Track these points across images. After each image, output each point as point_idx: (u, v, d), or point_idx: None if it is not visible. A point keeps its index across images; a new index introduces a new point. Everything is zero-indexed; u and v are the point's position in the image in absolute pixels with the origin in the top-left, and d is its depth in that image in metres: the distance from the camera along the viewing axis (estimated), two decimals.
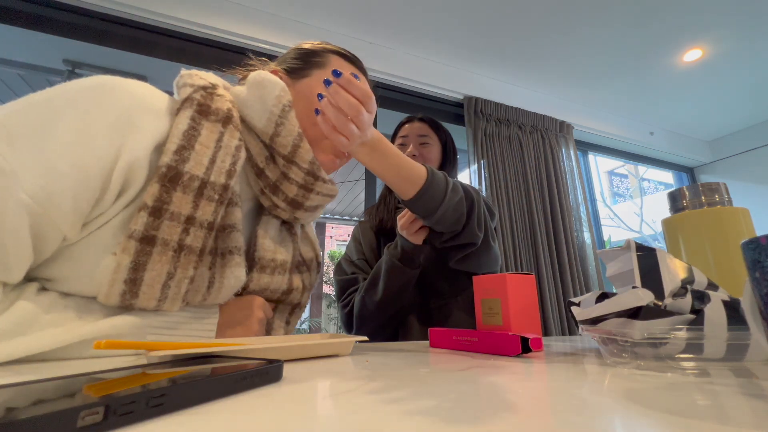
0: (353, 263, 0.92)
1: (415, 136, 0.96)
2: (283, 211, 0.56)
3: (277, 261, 0.54)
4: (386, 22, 2.05)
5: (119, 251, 0.38)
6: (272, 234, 0.55)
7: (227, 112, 0.48)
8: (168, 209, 0.40)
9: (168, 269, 0.41)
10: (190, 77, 0.48)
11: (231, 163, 0.46)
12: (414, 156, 0.92)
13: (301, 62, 0.59)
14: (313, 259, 0.63)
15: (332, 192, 0.58)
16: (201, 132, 0.44)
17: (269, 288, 0.54)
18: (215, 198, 0.44)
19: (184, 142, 0.42)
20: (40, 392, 0.19)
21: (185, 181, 0.42)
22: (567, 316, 2.14)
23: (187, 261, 0.42)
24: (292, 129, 0.51)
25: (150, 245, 0.39)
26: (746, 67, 2.51)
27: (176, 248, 0.41)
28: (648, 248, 0.41)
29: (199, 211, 0.43)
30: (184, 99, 0.45)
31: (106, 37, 1.68)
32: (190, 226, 0.42)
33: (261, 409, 0.20)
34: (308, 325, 6.85)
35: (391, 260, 0.77)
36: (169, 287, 0.41)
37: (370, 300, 0.79)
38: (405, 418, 0.18)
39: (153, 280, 0.40)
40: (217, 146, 0.45)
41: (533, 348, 0.41)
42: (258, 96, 0.51)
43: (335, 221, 7.59)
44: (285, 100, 0.52)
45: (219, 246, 0.47)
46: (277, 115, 0.51)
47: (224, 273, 0.46)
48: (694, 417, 0.18)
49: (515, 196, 2.26)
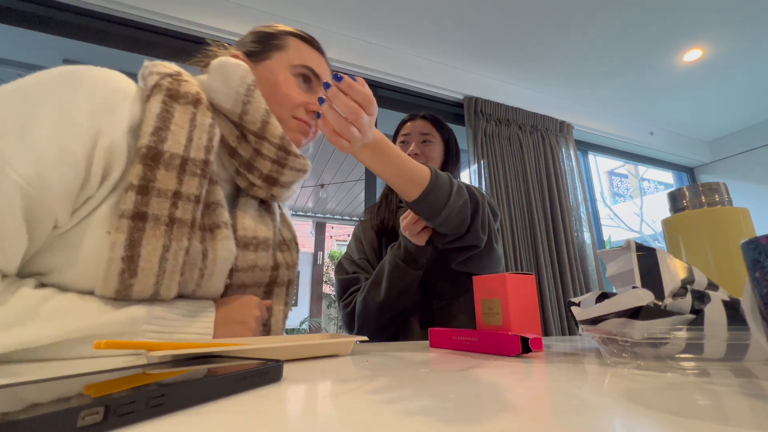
0: (354, 262, 0.92)
1: (417, 134, 0.96)
2: (260, 189, 0.57)
3: (259, 238, 0.56)
4: (386, 22, 2.05)
5: (113, 230, 0.40)
6: (251, 213, 0.57)
7: (196, 94, 0.50)
8: (154, 186, 0.42)
9: (163, 242, 0.42)
10: (154, 66, 0.50)
11: (207, 139, 0.48)
12: (416, 155, 0.92)
13: (261, 45, 0.60)
14: (291, 239, 0.65)
15: (304, 167, 0.60)
16: (174, 114, 0.46)
17: (257, 265, 0.55)
18: (198, 173, 0.46)
19: (159, 124, 0.44)
20: (40, 392, 0.19)
21: (166, 159, 0.44)
22: (567, 316, 2.14)
23: (180, 233, 0.44)
24: (259, 106, 0.53)
25: (142, 221, 0.41)
26: (746, 67, 2.51)
27: (168, 222, 0.43)
28: (648, 248, 0.41)
29: (184, 186, 0.45)
30: (153, 85, 0.47)
31: (106, 37, 1.68)
32: (178, 200, 0.44)
33: (261, 409, 0.20)
34: (308, 325, 6.85)
35: (395, 261, 0.77)
36: (166, 260, 0.42)
37: (373, 300, 0.79)
38: (405, 418, 0.18)
39: (150, 254, 0.41)
40: (192, 125, 0.47)
41: (533, 348, 0.41)
42: (222, 79, 0.53)
43: (335, 221, 7.58)
44: (249, 80, 0.54)
45: (206, 222, 0.49)
46: (243, 94, 0.53)
47: (215, 246, 0.48)
48: (694, 417, 0.18)
49: (515, 196, 2.26)
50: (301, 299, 7.16)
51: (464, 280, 0.82)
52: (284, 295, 0.60)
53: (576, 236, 2.40)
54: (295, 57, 0.59)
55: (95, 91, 0.42)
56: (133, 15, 1.66)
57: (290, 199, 0.68)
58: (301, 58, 0.60)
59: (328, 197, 5.97)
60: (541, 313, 2.11)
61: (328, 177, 5.07)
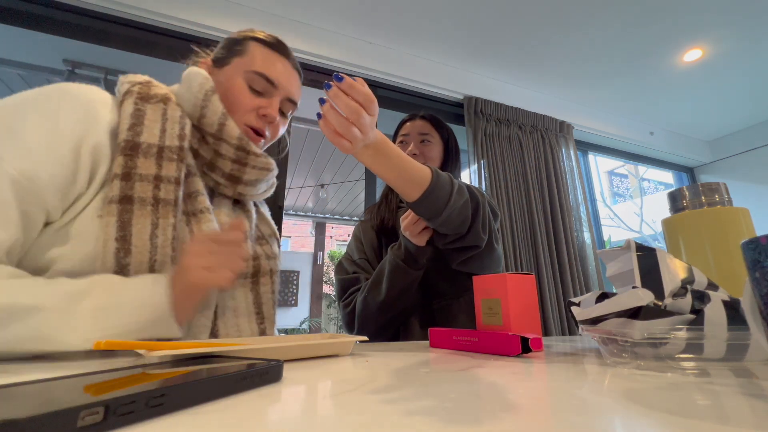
0: (355, 262, 0.92)
1: (416, 134, 0.95)
2: (226, 188, 0.61)
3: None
4: (386, 22, 2.05)
5: (105, 214, 0.44)
6: (226, 212, 0.61)
7: (164, 95, 0.55)
8: (136, 172, 0.47)
9: (151, 220, 0.47)
10: (126, 78, 0.56)
11: (180, 128, 0.53)
12: (415, 155, 0.92)
13: (225, 51, 0.64)
14: (271, 234, 0.69)
15: (267, 165, 0.62)
16: (146, 112, 0.51)
17: None
18: (174, 158, 0.51)
19: (134, 121, 0.50)
20: (40, 392, 0.19)
21: (144, 149, 0.49)
22: (567, 316, 2.14)
23: (166, 211, 0.48)
24: (216, 109, 0.57)
25: (129, 204, 0.46)
26: (746, 67, 2.50)
27: (153, 203, 0.47)
28: (648, 248, 0.41)
29: (163, 171, 0.49)
30: (125, 92, 0.52)
31: (106, 37, 1.68)
32: (159, 182, 0.49)
33: (261, 409, 0.20)
34: (308, 325, 6.85)
35: (395, 261, 0.77)
36: (156, 237, 0.47)
37: (373, 300, 0.79)
38: (405, 418, 0.18)
39: (140, 232, 0.46)
40: (164, 119, 0.52)
41: (533, 348, 0.41)
42: (186, 87, 0.58)
43: (335, 221, 7.58)
44: (207, 86, 0.57)
45: (189, 209, 0.54)
46: (201, 99, 0.56)
47: (201, 228, 0.53)
48: (694, 417, 0.18)
49: (515, 196, 2.26)
50: (301, 299, 7.16)
51: (464, 281, 0.82)
52: (270, 283, 0.63)
53: (576, 236, 2.40)
54: (249, 63, 0.61)
55: (77, 102, 0.47)
56: (133, 15, 1.66)
57: (264, 197, 0.70)
58: (253, 64, 0.61)
59: (328, 197, 5.97)
60: (541, 313, 2.11)
61: (328, 177, 5.07)
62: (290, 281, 7.10)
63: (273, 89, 0.62)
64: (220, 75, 0.61)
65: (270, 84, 0.61)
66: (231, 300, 0.56)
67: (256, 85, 0.61)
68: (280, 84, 0.62)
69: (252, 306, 0.58)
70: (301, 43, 1.97)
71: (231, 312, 0.55)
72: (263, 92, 0.61)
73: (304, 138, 3.76)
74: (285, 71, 0.64)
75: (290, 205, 6.52)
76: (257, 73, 0.60)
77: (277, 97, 0.62)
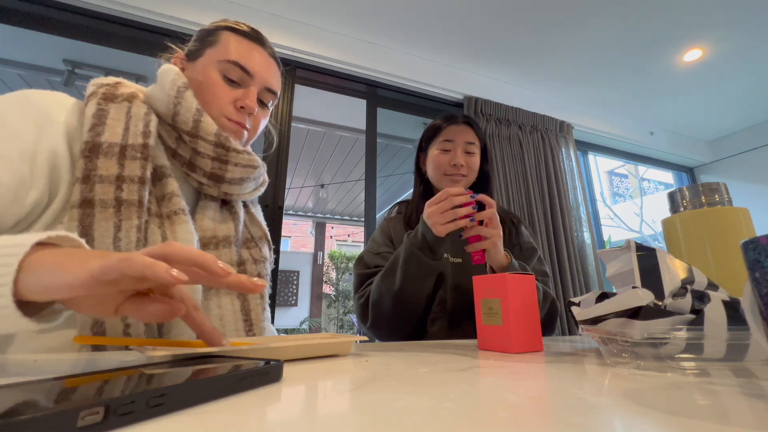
0: (380, 254, 0.87)
1: (463, 142, 0.90)
2: (209, 187, 0.59)
3: (219, 237, 0.58)
4: (386, 22, 2.05)
5: (66, 220, 0.43)
6: (210, 215, 0.59)
7: (131, 93, 0.54)
8: (96, 173, 0.46)
9: (114, 222, 0.45)
10: (94, 80, 0.54)
11: (144, 125, 0.52)
12: (461, 166, 0.88)
13: (198, 43, 0.61)
14: (262, 236, 0.67)
15: (251, 162, 0.60)
16: (110, 111, 0.50)
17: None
18: (138, 156, 0.49)
19: (95, 121, 0.49)
20: (40, 392, 0.19)
21: (105, 149, 0.47)
22: (567, 316, 2.14)
23: (129, 212, 0.47)
24: (189, 106, 0.55)
25: (90, 207, 0.45)
26: (746, 67, 2.50)
27: (115, 205, 0.46)
28: (648, 248, 0.41)
29: (126, 170, 0.48)
30: (89, 94, 0.52)
31: (106, 37, 1.68)
32: (122, 183, 0.47)
33: (261, 409, 0.20)
34: (308, 325, 6.85)
35: (411, 248, 0.73)
36: (119, 240, 0.45)
37: (387, 288, 0.75)
38: (405, 418, 0.18)
39: (102, 236, 0.44)
40: (128, 117, 0.51)
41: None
42: (159, 86, 0.56)
43: (335, 221, 7.58)
44: (179, 82, 0.56)
45: (163, 211, 0.52)
46: (173, 96, 0.55)
47: (175, 230, 0.51)
48: (694, 417, 0.18)
49: (515, 196, 2.26)
50: (301, 299, 7.16)
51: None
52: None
53: (576, 236, 2.40)
54: (222, 52, 0.59)
55: (31, 106, 0.47)
56: (133, 15, 1.66)
57: (253, 196, 0.68)
58: (226, 53, 0.58)
59: (328, 197, 5.97)
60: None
61: (328, 177, 5.07)
62: (290, 281, 7.10)
63: (249, 79, 0.59)
64: (194, 68, 0.59)
65: (245, 73, 0.59)
66: (217, 308, 0.54)
67: (231, 75, 0.58)
68: (255, 73, 0.60)
69: (239, 313, 0.56)
70: (302, 43, 1.97)
71: (216, 321, 0.53)
72: (239, 82, 0.59)
73: (304, 138, 3.76)
74: (260, 59, 0.61)
75: (290, 205, 6.52)
76: (231, 61, 0.58)
77: (254, 87, 0.60)
